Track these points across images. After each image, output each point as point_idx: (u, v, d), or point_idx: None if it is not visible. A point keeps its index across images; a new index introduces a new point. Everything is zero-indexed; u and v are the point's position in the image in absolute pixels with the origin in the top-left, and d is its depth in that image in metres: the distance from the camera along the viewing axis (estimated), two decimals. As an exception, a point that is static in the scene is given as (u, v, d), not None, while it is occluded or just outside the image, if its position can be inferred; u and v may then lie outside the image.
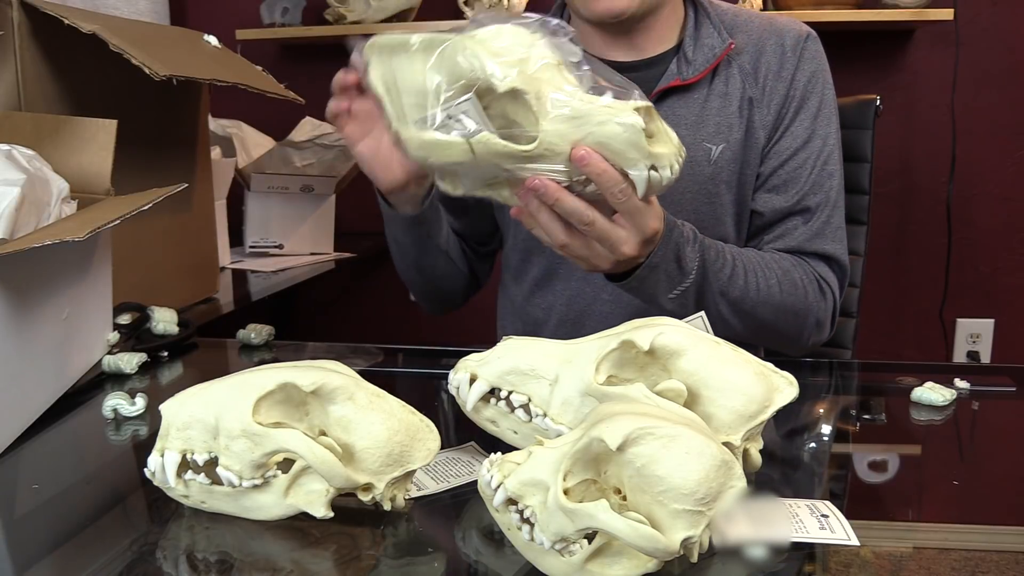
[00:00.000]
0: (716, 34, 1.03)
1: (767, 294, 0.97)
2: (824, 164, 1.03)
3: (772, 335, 1.02)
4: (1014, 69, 2.13)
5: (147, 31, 1.17)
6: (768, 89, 1.03)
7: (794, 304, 0.99)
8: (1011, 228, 2.20)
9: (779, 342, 1.04)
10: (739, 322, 0.96)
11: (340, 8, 2.19)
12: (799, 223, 1.04)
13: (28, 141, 0.90)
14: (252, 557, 0.56)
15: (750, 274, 0.96)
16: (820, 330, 1.03)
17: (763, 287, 0.96)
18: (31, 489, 0.68)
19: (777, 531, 0.56)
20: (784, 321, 0.99)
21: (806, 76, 1.03)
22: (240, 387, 0.58)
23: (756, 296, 0.96)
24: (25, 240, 0.73)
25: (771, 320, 0.98)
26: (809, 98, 1.03)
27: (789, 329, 1.01)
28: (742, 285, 0.94)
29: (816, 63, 1.04)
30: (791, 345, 1.04)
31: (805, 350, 1.05)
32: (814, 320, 1.01)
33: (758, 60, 1.03)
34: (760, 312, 0.97)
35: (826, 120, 1.04)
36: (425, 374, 1.01)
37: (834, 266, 1.04)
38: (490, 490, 0.52)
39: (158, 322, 1.05)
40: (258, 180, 1.84)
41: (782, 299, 0.98)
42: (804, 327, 1.01)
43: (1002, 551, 0.55)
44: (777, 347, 1.05)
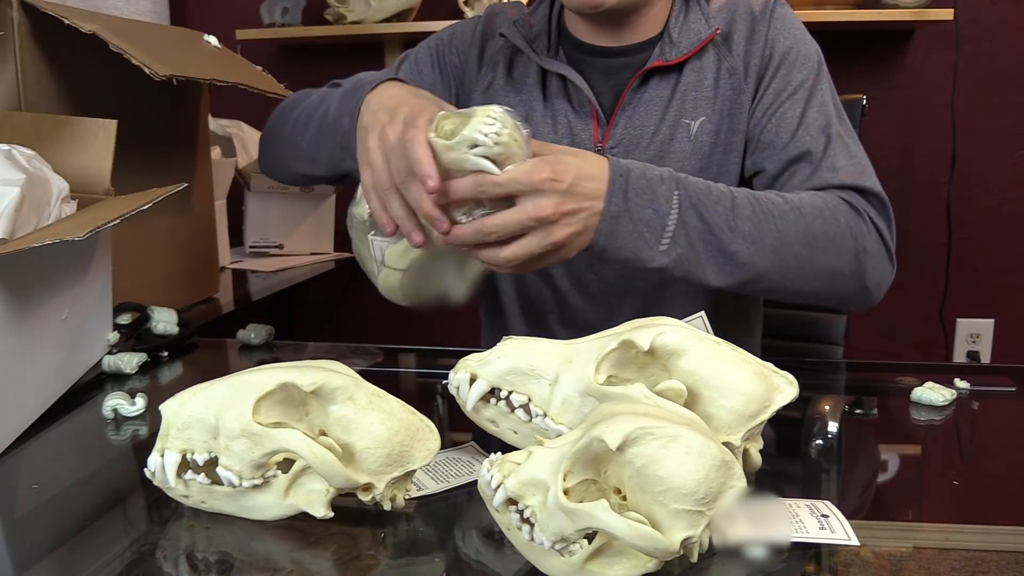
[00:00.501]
0: (703, 20, 1.04)
1: (789, 221, 0.86)
2: (820, 107, 1.00)
3: (819, 275, 0.89)
4: (1014, 69, 2.13)
5: (147, 31, 1.17)
6: (744, 55, 1.03)
7: (826, 228, 0.88)
8: (1011, 228, 2.20)
9: (835, 286, 0.91)
10: (772, 262, 0.85)
11: (340, 8, 2.19)
12: (804, 166, 0.97)
13: (28, 141, 0.90)
14: (252, 557, 0.56)
15: (757, 204, 0.86)
16: (873, 260, 0.92)
17: (779, 214, 0.86)
18: (31, 489, 0.68)
19: (777, 531, 0.56)
20: (824, 250, 0.88)
21: (780, 36, 1.03)
22: (240, 387, 0.58)
23: (775, 224, 0.85)
24: (25, 240, 0.73)
25: (807, 252, 0.87)
26: (788, 55, 1.02)
27: (835, 261, 0.89)
28: (750, 215, 0.85)
29: (788, 22, 1.04)
30: (852, 286, 0.91)
31: (871, 301, 0.94)
32: (860, 246, 0.90)
33: (730, 31, 1.04)
34: (790, 242, 0.86)
35: (808, 71, 1.02)
36: (425, 374, 1.01)
37: (863, 194, 0.94)
38: (490, 490, 0.52)
39: (158, 322, 1.05)
40: (258, 180, 1.84)
41: (809, 223, 0.87)
42: (852, 256, 0.90)
43: (1002, 551, 0.55)
44: (840, 296, 0.93)
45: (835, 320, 1.38)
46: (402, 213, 0.78)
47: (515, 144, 0.73)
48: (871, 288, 0.93)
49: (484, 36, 1.15)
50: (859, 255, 0.90)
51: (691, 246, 0.82)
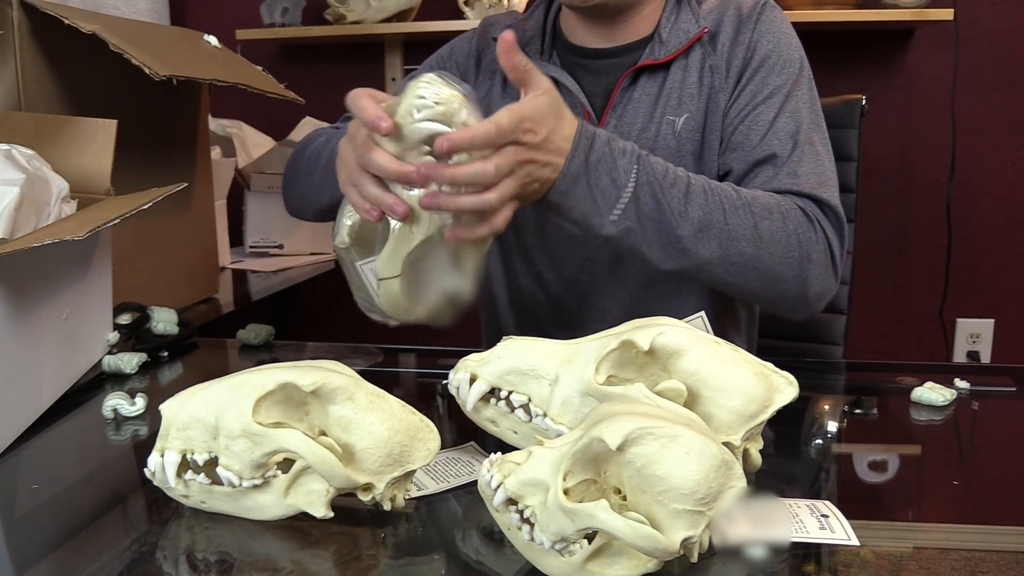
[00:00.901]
0: (693, 20, 1.05)
1: (740, 217, 0.87)
2: (792, 113, 1.00)
3: (760, 276, 0.89)
4: (1014, 69, 2.13)
5: (147, 31, 1.17)
6: (727, 55, 1.04)
7: (773, 230, 0.89)
8: (1011, 228, 2.20)
9: (775, 289, 0.91)
10: (716, 255, 0.87)
11: (340, 8, 2.19)
12: (767, 168, 0.97)
13: (28, 141, 0.90)
14: (252, 557, 0.56)
15: (711, 194, 0.87)
16: (817, 270, 0.92)
17: (730, 208, 0.87)
18: (31, 489, 0.68)
19: (777, 531, 0.56)
20: (769, 252, 0.89)
21: (764, 38, 1.04)
22: (240, 387, 0.58)
23: (725, 219, 0.86)
24: (25, 240, 0.73)
25: (752, 251, 0.88)
26: (768, 58, 1.03)
27: (778, 265, 0.89)
28: (702, 203, 0.86)
29: (774, 25, 1.05)
30: (793, 292, 0.91)
31: (810, 311, 0.94)
32: (805, 254, 0.90)
33: (717, 30, 1.05)
34: (736, 238, 0.87)
35: (787, 76, 1.02)
36: (425, 374, 1.01)
37: (819, 204, 0.94)
38: (490, 490, 0.52)
39: (158, 322, 1.05)
40: (258, 180, 1.84)
41: (758, 223, 0.88)
42: (795, 261, 0.90)
43: (1002, 551, 0.55)
44: (779, 301, 0.93)
45: (835, 320, 1.39)
46: (375, 191, 0.77)
47: (455, 100, 0.73)
48: (811, 298, 0.93)
49: (480, 47, 1.18)
50: (803, 262, 0.91)
51: (640, 222, 0.84)
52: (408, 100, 0.73)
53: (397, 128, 0.73)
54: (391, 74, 2.35)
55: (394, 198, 0.77)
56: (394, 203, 0.77)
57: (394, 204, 0.77)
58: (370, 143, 0.76)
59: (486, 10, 2.15)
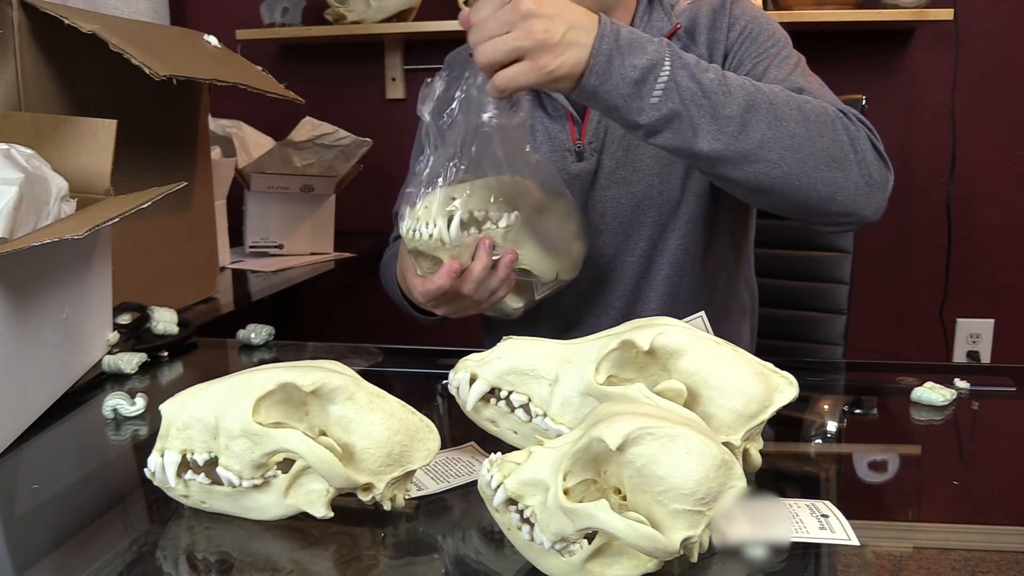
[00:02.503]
0: (666, 18, 1.07)
1: (782, 99, 0.84)
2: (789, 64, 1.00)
3: (817, 159, 0.85)
4: (1014, 69, 2.13)
5: (147, 31, 1.17)
6: (708, 42, 1.05)
7: (818, 111, 0.85)
8: (1011, 228, 2.20)
9: (837, 174, 0.86)
10: (767, 135, 0.82)
11: (340, 8, 2.19)
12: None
13: (28, 141, 0.90)
14: (252, 557, 0.56)
15: (746, 80, 0.84)
16: (870, 155, 0.88)
17: (769, 91, 0.84)
18: (31, 489, 0.68)
19: (777, 531, 0.56)
20: (820, 133, 0.84)
21: (740, 20, 1.05)
22: (240, 387, 0.58)
23: (768, 98, 0.83)
24: (24, 239, 0.73)
25: (803, 131, 0.83)
26: (752, 31, 1.04)
27: (831, 146, 0.85)
28: (741, 85, 0.83)
29: (747, 9, 1.07)
30: (857, 176, 0.87)
31: (877, 200, 0.89)
32: (852, 137, 0.87)
33: (693, 26, 1.06)
34: (784, 118, 0.83)
35: (775, 42, 1.03)
36: (425, 374, 1.01)
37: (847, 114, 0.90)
38: (490, 490, 0.52)
39: (158, 322, 1.05)
40: (258, 180, 1.84)
41: (801, 104, 0.85)
42: (846, 144, 0.86)
43: (1002, 551, 0.55)
44: (840, 194, 0.87)
45: (835, 320, 1.39)
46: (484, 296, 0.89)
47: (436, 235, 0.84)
48: (876, 182, 0.88)
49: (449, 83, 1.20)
50: (855, 145, 0.87)
51: (683, 104, 0.81)
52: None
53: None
54: (391, 74, 2.36)
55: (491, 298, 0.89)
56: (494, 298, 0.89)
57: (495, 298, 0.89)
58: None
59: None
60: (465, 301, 0.90)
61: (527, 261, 0.89)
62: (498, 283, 0.88)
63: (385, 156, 2.24)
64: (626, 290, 1.10)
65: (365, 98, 2.40)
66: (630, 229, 1.08)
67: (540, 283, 0.93)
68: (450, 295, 0.89)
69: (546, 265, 0.91)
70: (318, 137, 1.87)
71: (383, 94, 2.39)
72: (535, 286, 0.94)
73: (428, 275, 0.89)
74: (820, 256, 1.40)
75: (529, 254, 0.89)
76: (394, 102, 2.39)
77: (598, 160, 1.07)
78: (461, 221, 0.84)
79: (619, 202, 1.08)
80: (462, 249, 0.85)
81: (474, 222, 0.85)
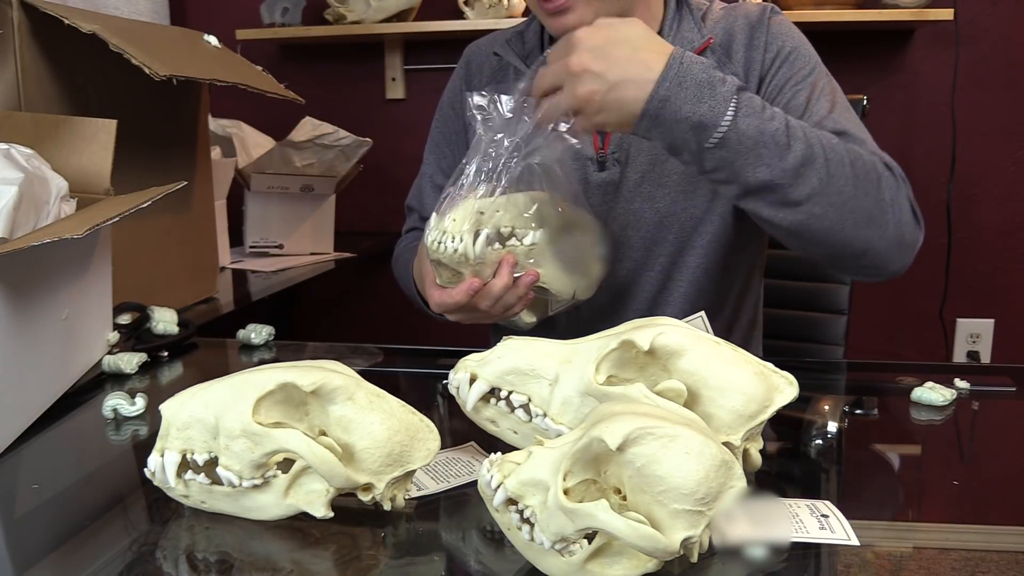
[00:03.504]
0: (696, 29, 1.06)
1: (835, 152, 0.84)
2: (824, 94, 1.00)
3: (855, 217, 0.85)
4: (1014, 69, 2.13)
5: (147, 31, 1.17)
6: (744, 60, 1.04)
7: (866, 170, 0.86)
8: (1011, 228, 2.20)
9: (870, 234, 0.87)
10: (817, 185, 0.83)
11: (340, 8, 2.19)
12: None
13: (28, 141, 0.90)
14: (252, 557, 0.56)
15: (807, 131, 0.84)
16: (906, 216, 0.89)
17: (826, 144, 0.84)
18: (31, 489, 0.68)
19: (777, 531, 0.56)
20: (864, 192, 0.85)
21: (778, 39, 1.04)
22: (240, 387, 0.58)
23: (823, 152, 0.83)
24: (24, 239, 0.73)
25: (850, 188, 0.84)
26: (790, 54, 1.03)
27: (872, 207, 0.86)
28: (804, 135, 0.83)
29: (785, 28, 1.06)
30: (886, 237, 0.88)
31: (905, 260, 0.91)
32: (892, 197, 0.88)
33: (729, 40, 1.05)
34: (836, 171, 0.84)
35: (811, 68, 1.03)
36: (425, 374, 1.01)
37: (888, 166, 0.92)
38: (490, 490, 0.52)
39: (158, 322, 1.05)
40: (258, 180, 1.84)
41: (853, 161, 0.85)
42: (886, 204, 0.87)
43: (1002, 551, 0.55)
44: (871, 250, 0.88)
45: (835, 320, 1.39)
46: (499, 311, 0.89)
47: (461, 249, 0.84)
48: (907, 242, 0.90)
49: (469, 75, 1.21)
50: (894, 205, 0.88)
51: (739, 151, 0.81)
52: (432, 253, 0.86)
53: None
54: (391, 74, 2.36)
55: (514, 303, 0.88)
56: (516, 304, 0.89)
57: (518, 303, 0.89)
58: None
59: (486, 10, 2.15)
60: (479, 314, 0.90)
61: (546, 279, 0.88)
62: (515, 300, 0.88)
63: (385, 156, 2.24)
64: (643, 305, 1.09)
65: (365, 98, 2.40)
66: (652, 244, 1.07)
67: (555, 301, 0.93)
68: (466, 308, 0.89)
69: (565, 284, 0.90)
70: (318, 137, 1.87)
71: (383, 94, 2.39)
72: (550, 303, 0.94)
73: (447, 285, 0.89)
74: (820, 256, 1.40)
75: (549, 272, 0.88)
76: (394, 102, 2.39)
77: (621, 172, 1.06)
78: (487, 236, 0.84)
79: (643, 216, 1.06)
80: (484, 265, 0.85)
81: (499, 237, 0.85)
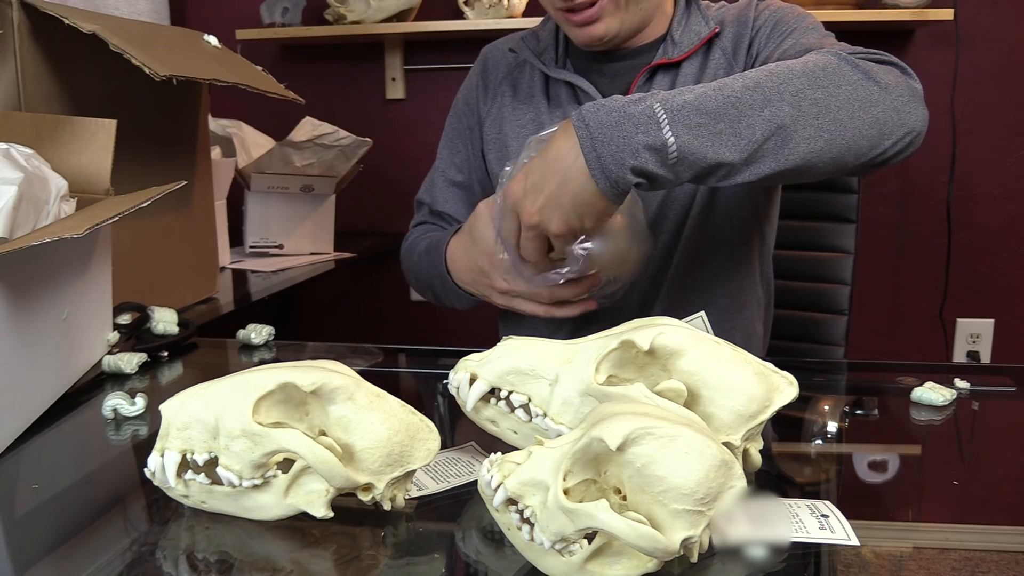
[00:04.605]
0: (703, 22, 1.09)
1: (781, 74, 0.81)
2: (805, 31, 1.01)
3: (843, 109, 0.82)
4: (1014, 69, 2.13)
5: (147, 31, 1.17)
6: (733, 37, 1.08)
7: (820, 67, 0.83)
8: (1011, 228, 2.20)
9: (867, 116, 0.83)
10: (790, 110, 0.79)
11: (340, 8, 2.19)
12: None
13: (28, 141, 0.90)
14: (252, 557, 0.56)
15: (738, 78, 0.81)
16: (886, 83, 0.85)
17: (766, 74, 0.81)
18: (31, 489, 0.68)
19: (777, 531, 0.56)
20: (833, 82, 0.82)
21: (764, 12, 1.07)
22: (240, 387, 0.58)
23: (771, 80, 0.80)
24: (24, 239, 0.73)
25: (819, 93, 0.80)
26: (776, 16, 1.06)
27: (849, 92, 0.82)
28: (740, 83, 0.80)
29: (773, 4, 1.09)
30: (885, 111, 0.84)
31: (915, 122, 0.86)
32: (863, 75, 0.84)
33: (736, 36, 1.08)
34: (796, 86, 0.80)
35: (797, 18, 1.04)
36: (425, 374, 1.01)
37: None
38: (490, 490, 0.52)
39: (158, 322, 1.04)
40: (258, 180, 1.84)
41: (804, 69, 0.82)
42: (861, 83, 0.83)
43: (1002, 551, 0.55)
44: (879, 134, 0.84)
45: (835, 320, 1.39)
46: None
47: None
48: (909, 95, 0.86)
49: (485, 72, 1.23)
50: (870, 75, 0.84)
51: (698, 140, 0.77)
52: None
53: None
54: (391, 74, 2.36)
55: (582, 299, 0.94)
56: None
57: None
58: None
59: (486, 10, 2.15)
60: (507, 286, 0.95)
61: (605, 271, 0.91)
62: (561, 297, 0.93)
63: (385, 156, 2.24)
64: (645, 284, 1.11)
65: (365, 98, 2.40)
66: (654, 228, 1.10)
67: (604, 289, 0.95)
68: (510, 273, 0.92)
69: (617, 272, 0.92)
70: (318, 137, 1.87)
71: (383, 94, 2.39)
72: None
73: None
74: (822, 257, 1.40)
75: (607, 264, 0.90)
76: (394, 102, 2.39)
77: None
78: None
79: (646, 201, 1.09)
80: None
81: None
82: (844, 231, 1.39)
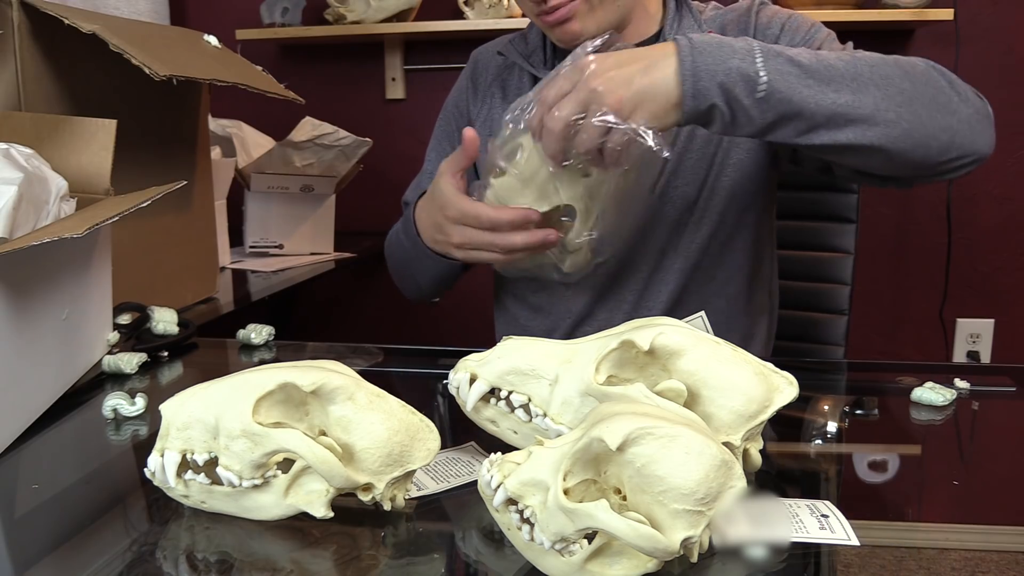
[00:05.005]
0: (695, 25, 1.09)
1: (874, 58, 0.84)
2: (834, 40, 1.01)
3: (930, 108, 0.85)
4: (1014, 69, 2.13)
5: (147, 31, 1.17)
6: None
7: (910, 63, 0.85)
8: (1011, 228, 2.20)
9: (953, 118, 0.87)
10: (876, 92, 0.82)
11: (340, 8, 2.19)
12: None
13: (28, 141, 0.90)
14: (252, 557, 0.56)
15: (835, 53, 0.84)
16: (966, 96, 0.89)
17: (861, 56, 0.84)
18: (31, 489, 0.68)
19: (777, 531, 0.56)
20: (920, 80, 0.85)
21: (774, 21, 1.07)
22: (240, 387, 0.58)
23: (865, 61, 0.83)
24: (24, 239, 0.73)
25: (908, 84, 0.83)
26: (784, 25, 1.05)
27: (934, 92, 0.85)
28: (836, 55, 0.83)
29: (775, 11, 1.08)
30: (960, 120, 0.88)
31: (983, 144, 0.91)
32: (947, 82, 0.88)
33: (723, 32, 1.07)
34: (886, 72, 0.83)
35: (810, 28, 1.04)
36: (425, 374, 1.01)
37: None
38: (490, 490, 0.52)
39: (158, 322, 1.04)
40: (258, 180, 1.84)
41: (895, 60, 0.85)
42: (945, 89, 0.87)
43: (1002, 551, 0.55)
44: (962, 135, 0.88)
45: (836, 320, 1.39)
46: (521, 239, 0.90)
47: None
48: (984, 115, 0.90)
49: (475, 75, 1.23)
50: (954, 85, 0.87)
51: (789, 91, 0.80)
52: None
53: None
54: (391, 74, 2.36)
55: (543, 233, 0.89)
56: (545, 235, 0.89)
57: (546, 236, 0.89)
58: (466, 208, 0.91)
59: (486, 10, 2.15)
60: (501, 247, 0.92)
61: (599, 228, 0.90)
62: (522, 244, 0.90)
63: (385, 156, 2.24)
64: (639, 284, 1.11)
65: (365, 98, 2.40)
66: (654, 227, 1.09)
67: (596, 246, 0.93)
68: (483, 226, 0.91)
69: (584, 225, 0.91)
70: (318, 137, 1.87)
71: (383, 94, 2.39)
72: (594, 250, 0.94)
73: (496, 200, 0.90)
74: (822, 257, 1.40)
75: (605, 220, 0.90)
76: (394, 102, 2.39)
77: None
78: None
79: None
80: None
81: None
82: (844, 231, 1.39)
